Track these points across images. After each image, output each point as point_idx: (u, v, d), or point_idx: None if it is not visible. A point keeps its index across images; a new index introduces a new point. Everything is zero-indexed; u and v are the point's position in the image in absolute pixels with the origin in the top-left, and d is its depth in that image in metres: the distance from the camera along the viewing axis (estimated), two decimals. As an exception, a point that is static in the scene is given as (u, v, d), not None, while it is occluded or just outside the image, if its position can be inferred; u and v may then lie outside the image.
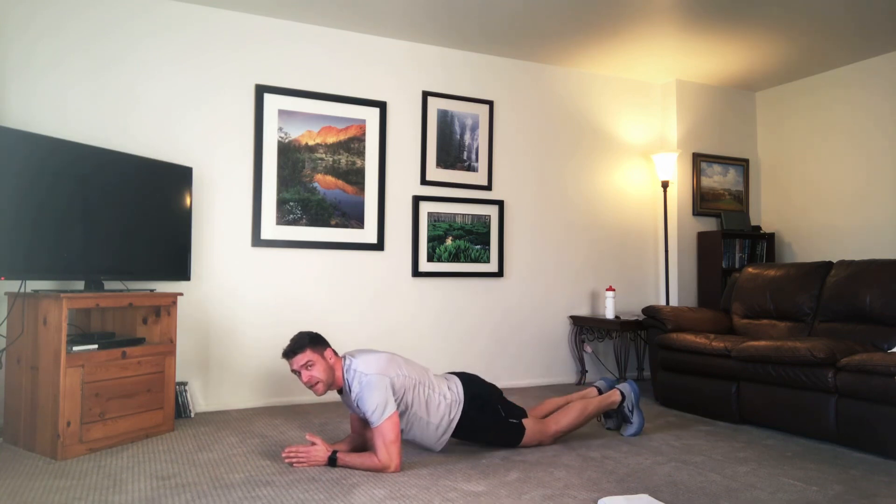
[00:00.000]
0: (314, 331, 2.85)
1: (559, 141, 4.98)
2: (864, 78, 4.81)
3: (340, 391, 2.78)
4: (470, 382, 2.96)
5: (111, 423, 3.01)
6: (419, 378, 2.80)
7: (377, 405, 2.59)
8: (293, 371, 2.76)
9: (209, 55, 3.92)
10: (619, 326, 4.49)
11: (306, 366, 2.70)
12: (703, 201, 5.33)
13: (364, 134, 4.31)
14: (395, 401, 2.68)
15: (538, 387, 4.69)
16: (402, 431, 2.77)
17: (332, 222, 4.20)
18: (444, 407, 2.82)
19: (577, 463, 2.81)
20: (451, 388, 2.89)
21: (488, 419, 2.92)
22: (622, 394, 3.26)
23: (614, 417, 3.38)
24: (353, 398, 2.69)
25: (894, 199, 4.61)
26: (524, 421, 2.98)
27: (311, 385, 2.72)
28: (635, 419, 3.28)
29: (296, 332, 2.86)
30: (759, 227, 5.38)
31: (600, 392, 3.32)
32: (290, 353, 2.74)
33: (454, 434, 2.90)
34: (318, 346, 2.75)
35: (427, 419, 2.79)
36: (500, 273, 4.70)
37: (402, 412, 2.74)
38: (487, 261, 4.67)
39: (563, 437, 3.19)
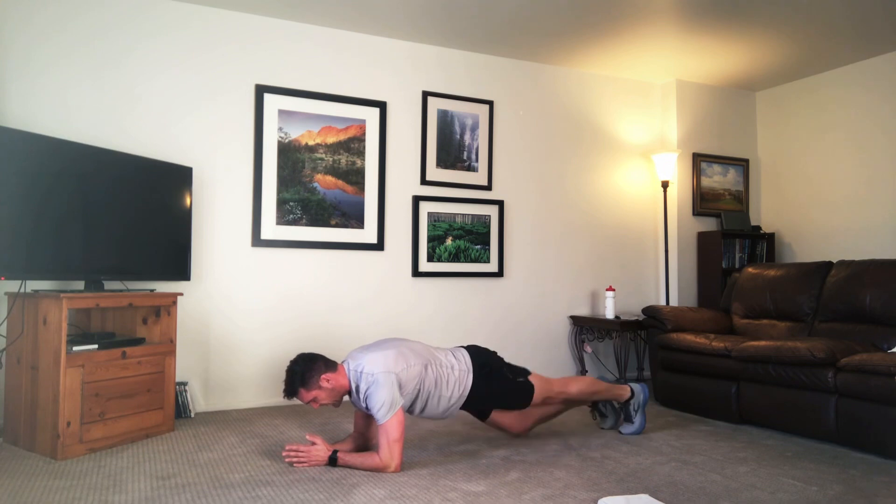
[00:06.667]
0: (305, 353, 2.78)
1: (559, 141, 4.98)
2: (864, 78, 4.81)
3: (349, 392, 2.78)
4: (476, 353, 3.02)
5: (111, 423, 3.01)
6: (427, 359, 2.83)
7: (383, 402, 2.60)
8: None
9: (209, 55, 3.92)
10: (619, 326, 4.48)
11: (309, 403, 2.73)
12: (703, 201, 5.33)
13: (364, 134, 4.31)
14: (408, 391, 2.72)
15: (538, 387, 4.68)
16: (419, 411, 2.84)
17: (332, 222, 4.20)
18: (454, 379, 2.87)
19: (577, 463, 2.81)
20: (459, 357, 2.95)
21: (499, 385, 2.97)
22: (632, 391, 3.28)
23: (610, 417, 3.39)
24: (362, 397, 2.71)
25: (894, 199, 4.61)
26: (530, 378, 3.03)
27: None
28: (637, 420, 3.28)
29: (287, 364, 2.75)
30: (759, 227, 5.38)
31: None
32: (288, 395, 2.73)
33: (470, 407, 2.97)
34: (311, 381, 2.68)
35: (440, 394, 2.84)
36: (500, 273, 4.70)
37: (416, 396, 2.79)
38: (487, 261, 4.67)
39: (563, 437, 3.20)
